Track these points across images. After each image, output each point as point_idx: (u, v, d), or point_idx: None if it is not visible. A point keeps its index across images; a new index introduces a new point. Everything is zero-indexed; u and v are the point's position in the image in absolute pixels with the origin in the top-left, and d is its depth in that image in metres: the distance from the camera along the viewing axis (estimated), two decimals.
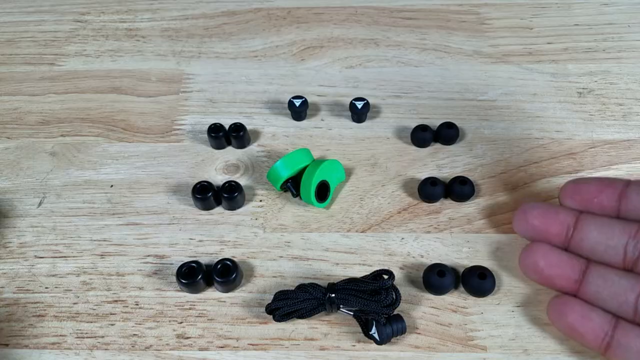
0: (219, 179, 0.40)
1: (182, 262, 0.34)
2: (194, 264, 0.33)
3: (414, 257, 0.35)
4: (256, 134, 0.42)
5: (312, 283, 0.32)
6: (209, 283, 0.34)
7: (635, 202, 0.30)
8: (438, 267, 0.33)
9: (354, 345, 0.31)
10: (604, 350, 0.29)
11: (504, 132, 0.42)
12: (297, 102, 0.42)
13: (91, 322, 0.33)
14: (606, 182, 0.32)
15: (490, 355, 0.31)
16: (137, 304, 0.33)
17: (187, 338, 0.32)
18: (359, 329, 0.32)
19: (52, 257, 0.36)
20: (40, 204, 0.39)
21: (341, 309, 0.32)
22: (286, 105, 0.43)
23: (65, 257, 0.36)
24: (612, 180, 0.32)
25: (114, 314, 0.33)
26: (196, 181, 0.38)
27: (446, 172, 0.39)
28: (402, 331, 0.31)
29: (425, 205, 0.38)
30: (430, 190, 0.37)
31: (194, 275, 0.33)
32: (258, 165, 0.40)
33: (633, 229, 0.30)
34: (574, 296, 0.31)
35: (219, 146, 0.41)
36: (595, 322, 0.29)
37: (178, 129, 0.43)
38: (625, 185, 0.31)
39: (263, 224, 0.37)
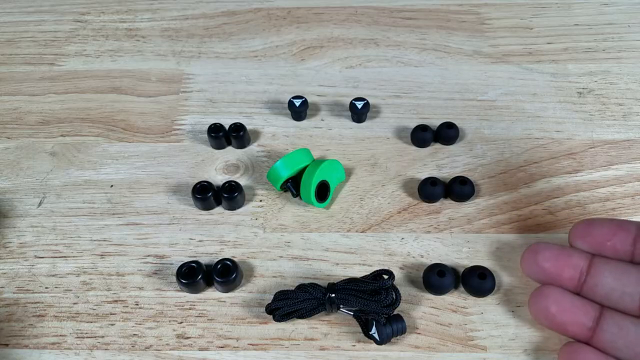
0: (219, 179, 0.40)
1: (182, 262, 0.34)
2: (194, 264, 0.33)
3: (414, 257, 0.35)
4: (256, 134, 0.42)
5: (312, 283, 0.32)
6: (209, 283, 0.34)
7: None
8: (438, 267, 0.33)
9: (354, 345, 0.31)
10: None
11: (504, 132, 0.42)
12: (297, 102, 0.42)
13: (91, 322, 0.33)
14: (619, 224, 0.30)
15: (490, 355, 0.31)
16: (137, 304, 0.33)
17: (187, 338, 0.32)
18: (359, 329, 0.32)
19: (52, 257, 0.36)
20: (40, 204, 0.39)
21: (341, 309, 0.32)
22: (286, 105, 0.43)
23: (65, 257, 0.36)
24: (626, 223, 0.30)
25: (114, 314, 0.33)
26: (196, 181, 0.38)
27: (446, 172, 0.39)
28: (402, 331, 0.31)
29: (425, 205, 0.38)
30: (430, 190, 0.37)
31: (194, 275, 0.33)
32: (258, 165, 0.40)
33: None
34: (587, 344, 0.29)
35: (219, 146, 0.41)
36: None
37: (178, 129, 0.43)
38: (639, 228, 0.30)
39: (263, 224, 0.37)
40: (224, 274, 0.33)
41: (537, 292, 0.31)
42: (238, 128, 0.40)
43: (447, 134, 0.40)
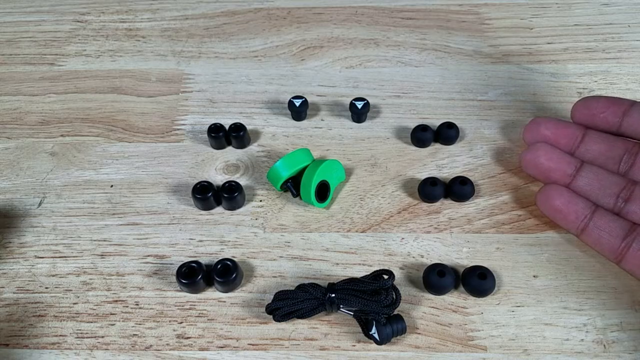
0: (219, 179, 0.40)
1: (182, 262, 0.34)
2: (194, 264, 0.33)
3: (414, 257, 0.35)
4: (256, 134, 0.42)
5: (312, 283, 0.32)
6: (209, 283, 0.34)
7: (636, 119, 0.34)
8: (438, 267, 0.33)
9: (354, 345, 0.31)
10: (580, 232, 0.33)
11: (504, 132, 0.42)
12: (297, 102, 0.42)
13: (91, 322, 0.33)
14: (614, 100, 0.35)
15: (490, 355, 0.31)
16: (137, 304, 0.33)
17: (187, 338, 0.32)
18: (359, 329, 0.32)
19: (52, 257, 0.36)
20: (40, 204, 0.39)
21: (341, 309, 0.32)
22: (286, 105, 0.43)
23: (65, 257, 0.36)
24: (620, 99, 0.35)
25: (114, 314, 0.33)
26: (196, 181, 0.38)
27: (446, 172, 0.39)
28: (402, 331, 0.31)
29: (425, 205, 0.38)
30: (430, 190, 0.37)
31: (194, 275, 0.33)
32: (258, 165, 0.40)
33: (630, 145, 0.34)
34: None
35: (219, 146, 0.41)
36: (579, 207, 0.33)
37: (178, 129, 0.43)
38: (631, 104, 0.34)
39: (263, 224, 0.37)
40: (224, 274, 0.33)
41: (530, 147, 0.36)
42: (238, 128, 0.40)
43: (447, 134, 0.40)
